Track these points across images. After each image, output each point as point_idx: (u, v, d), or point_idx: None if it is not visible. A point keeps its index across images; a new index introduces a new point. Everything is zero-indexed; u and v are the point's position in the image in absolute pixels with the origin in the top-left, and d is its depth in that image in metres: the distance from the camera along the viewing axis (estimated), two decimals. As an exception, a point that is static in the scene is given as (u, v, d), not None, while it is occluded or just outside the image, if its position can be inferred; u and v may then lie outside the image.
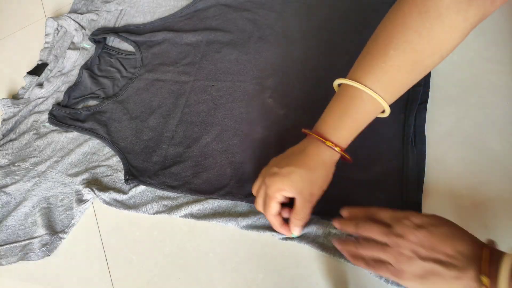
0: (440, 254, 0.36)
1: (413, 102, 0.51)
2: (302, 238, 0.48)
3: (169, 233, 0.53)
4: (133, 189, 0.56)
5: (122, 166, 0.58)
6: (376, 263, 0.39)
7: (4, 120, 0.69)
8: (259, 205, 0.46)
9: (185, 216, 0.53)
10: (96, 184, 0.58)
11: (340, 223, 0.44)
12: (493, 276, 0.33)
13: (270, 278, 0.48)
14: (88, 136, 0.63)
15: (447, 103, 0.51)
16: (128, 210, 0.55)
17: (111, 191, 0.56)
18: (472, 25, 0.38)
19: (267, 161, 0.49)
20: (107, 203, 0.56)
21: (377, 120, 0.51)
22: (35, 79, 0.72)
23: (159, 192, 0.56)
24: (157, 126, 0.60)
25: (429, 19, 0.37)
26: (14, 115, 0.68)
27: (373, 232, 0.40)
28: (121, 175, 0.58)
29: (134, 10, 0.74)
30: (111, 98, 0.64)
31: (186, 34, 0.66)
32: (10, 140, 0.66)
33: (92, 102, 0.67)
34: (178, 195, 0.54)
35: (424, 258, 0.36)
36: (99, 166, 0.60)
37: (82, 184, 0.58)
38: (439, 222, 0.39)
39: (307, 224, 0.48)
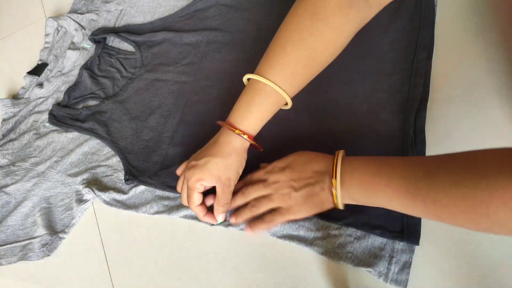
0: (305, 179, 0.44)
1: (413, 102, 0.51)
2: (301, 240, 0.48)
3: (169, 233, 0.53)
4: (133, 189, 0.56)
5: (122, 166, 0.58)
6: (273, 215, 0.45)
7: (4, 120, 0.69)
8: (183, 200, 0.49)
9: (185, 216, 0.53)
10: (96, 184, 0.58)
11: (231, 202, 0.48)
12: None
13: (270, 278, 0.48)
14: (88, 136, 0.63)
15: (447, 103, 0.51)
16: (128, 210, 0.55)
17: (111, 191, 0.56)
18: (355, 26, 0.44)
19: (266, 161, 0.49)
20: (107, 203, 0.56)
21: (377, 120, 0.51)
22: (35, 79, 0.72)
23: (159, 192, 0.56)
24: (157, 126, 0.60)
25: (318, 21, 0.43)
26: (14, 115, 0.68)
27: (257, 191, 0.46)
28: (121, 175, 0.58)
29: (134, 10, 0.74)
30: (111, 98, 0.64)
31: (186, 34, 0.66)
32: (10, 140, 0.66)
33: (92, 102, 0.67)
34: (178, 195, 0.54)
35: (298, 188, 0.44)
36: (99, 166, 0.60)
37: (82, 184, 0.58)
38: (297, 157, 0.46)
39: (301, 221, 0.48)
